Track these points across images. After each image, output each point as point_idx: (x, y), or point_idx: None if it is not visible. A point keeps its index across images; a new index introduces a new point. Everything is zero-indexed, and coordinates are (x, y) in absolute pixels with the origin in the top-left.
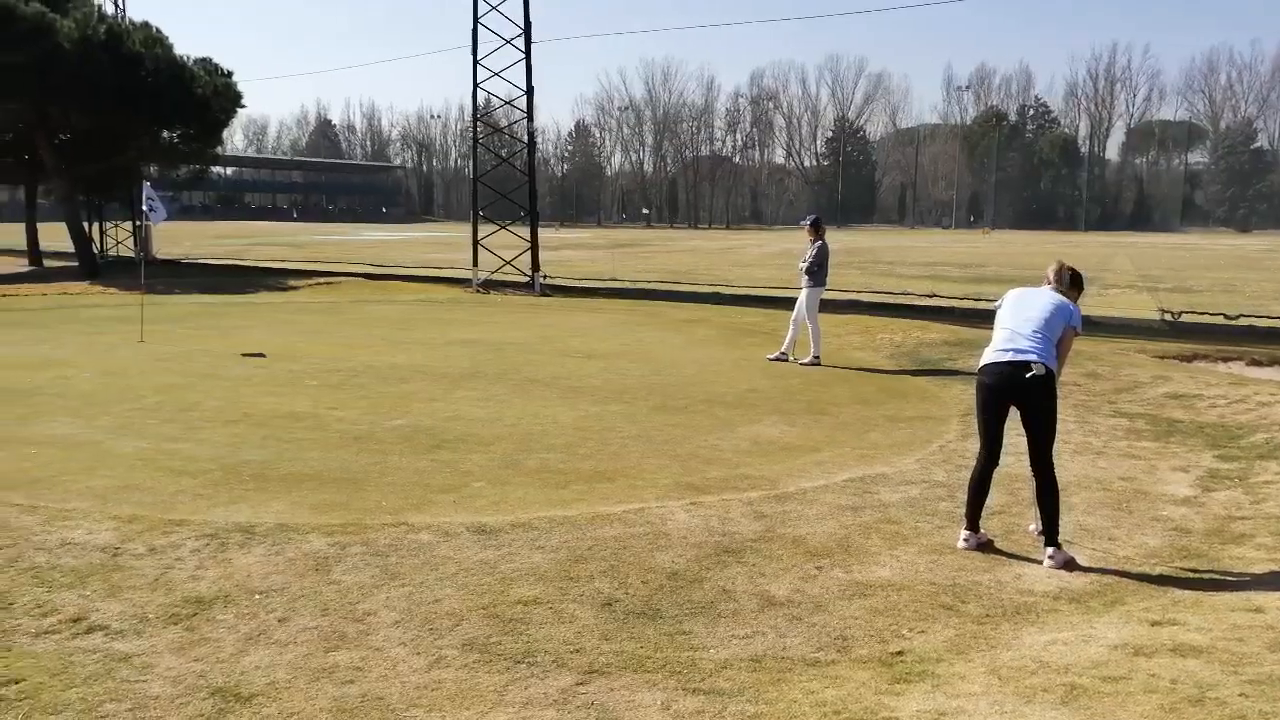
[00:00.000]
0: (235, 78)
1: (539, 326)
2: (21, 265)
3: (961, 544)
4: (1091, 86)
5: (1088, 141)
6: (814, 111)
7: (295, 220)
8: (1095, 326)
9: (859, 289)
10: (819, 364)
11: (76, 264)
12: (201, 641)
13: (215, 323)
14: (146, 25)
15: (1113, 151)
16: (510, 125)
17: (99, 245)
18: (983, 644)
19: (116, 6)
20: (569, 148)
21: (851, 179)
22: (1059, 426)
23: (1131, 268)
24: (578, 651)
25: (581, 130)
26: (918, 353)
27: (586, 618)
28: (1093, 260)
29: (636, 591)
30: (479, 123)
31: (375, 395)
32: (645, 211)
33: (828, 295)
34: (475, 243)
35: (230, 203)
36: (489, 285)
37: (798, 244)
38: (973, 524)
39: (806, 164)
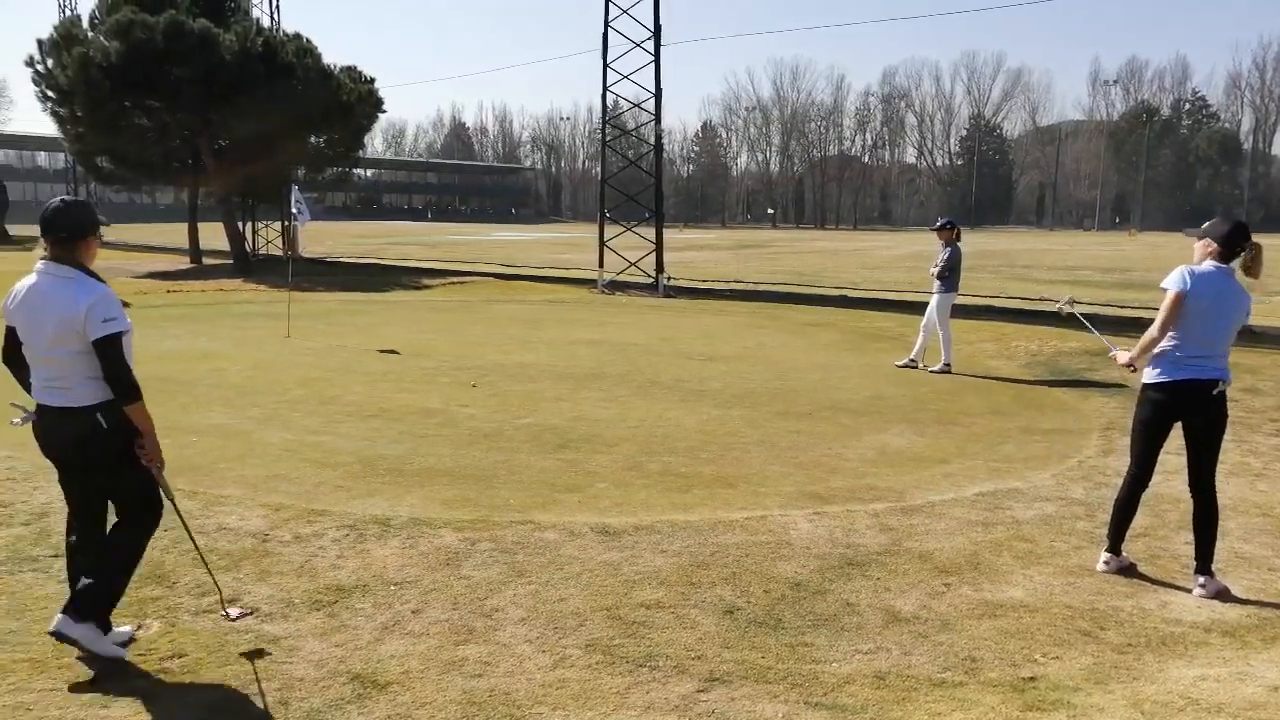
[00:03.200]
0: (376, 84)
1: (661, 328)
2: (184, 263)
3: (1101, 566)
4: (1258, 77)
5: (1251, 137)
6: (948, 109)
7: (429, 220)
8: (1258, 338)
9: (992, 294)
10: (950, 372)
11: (231, 262)
12: (341, 628)
13: (354, 319)
14: (298, 36)
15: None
16: (638, 128)
17: (251, 244)
18: (1124, 674)
19: (272, 19)
20: (695, 148)
21: (986, 178)
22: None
23: None
24: (699, 658)
25: (708, 131)
26: (1055, 362)
27: (708, 624)
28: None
29: (758, 600)
30: (607, 125)
31: (503, 393)
32: (770, 212)
33: (959, 301)
34: (602, 244)
35: (369, 203)
36: (614, 286)
37: (928, 246)
38: (1115, 546)
39: (939, 163)
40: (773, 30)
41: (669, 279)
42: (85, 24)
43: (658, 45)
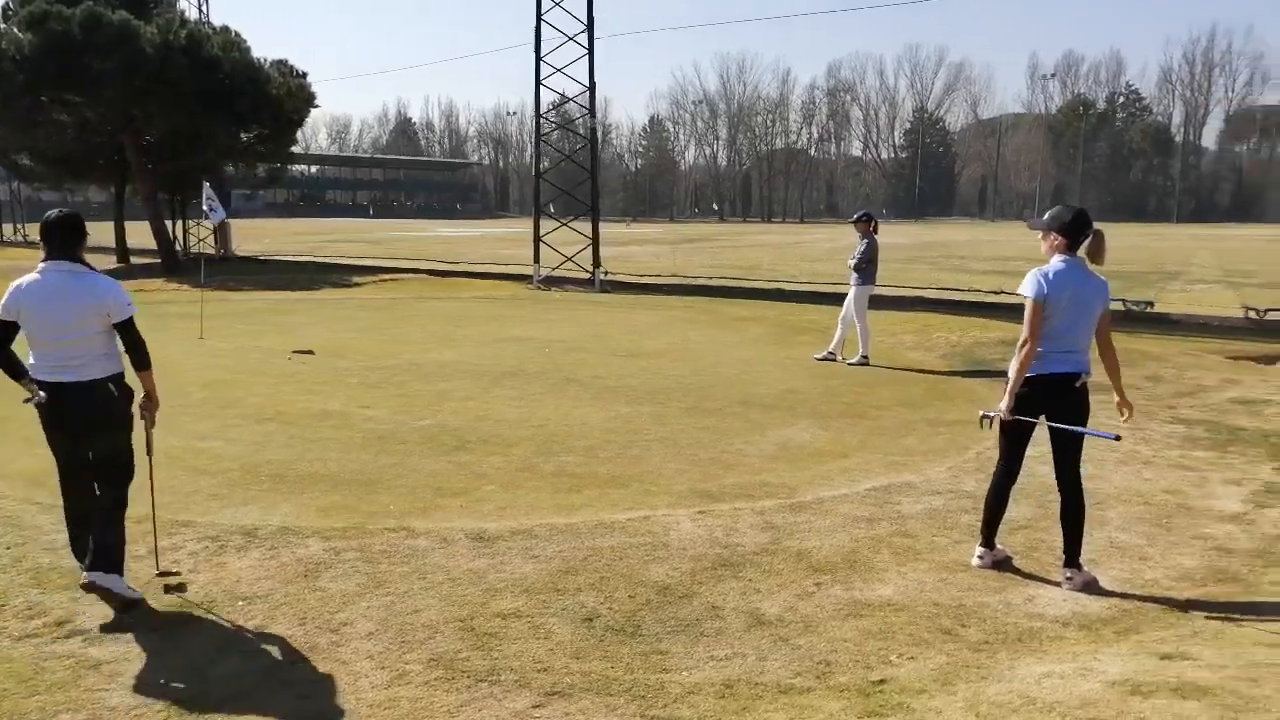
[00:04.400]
0: (310, 78)
1: (592, 324)
2: (110, 262)
3: (975, 561)
4: (1188, 72)
5: (1182, 129)
6: (892, 103)
7: (371, 217)
8: (1171, 325)
9: (924, 285)
10: (867, 364)
11: (159, 261)
12: (176, 648)
13: (277, 319)
14: (226, 29)
15: (1210, 140)
16: (575, 121)
17: (182, 243)
18: (973, 674)
19: (200, 11)
20: (642, 143)
21: (930, 171)
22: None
23: (1214, 263)
24: (545, 670)
25: (655, 125)
26: (972, 352)
27: (563, 634)
28: (1177, 254)
29: (621, 606)
30: (542, 120)
31: (411, 393)
32: (715, 207)
33: (888, 292)
34: (537, 239)
35: (313, 200)
36: (550, 282)
37: (879, 235)
38: (988, 540)
39: (884, 156)
40: (712, 23)
41: (606, 274)
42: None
43: (591, 39)
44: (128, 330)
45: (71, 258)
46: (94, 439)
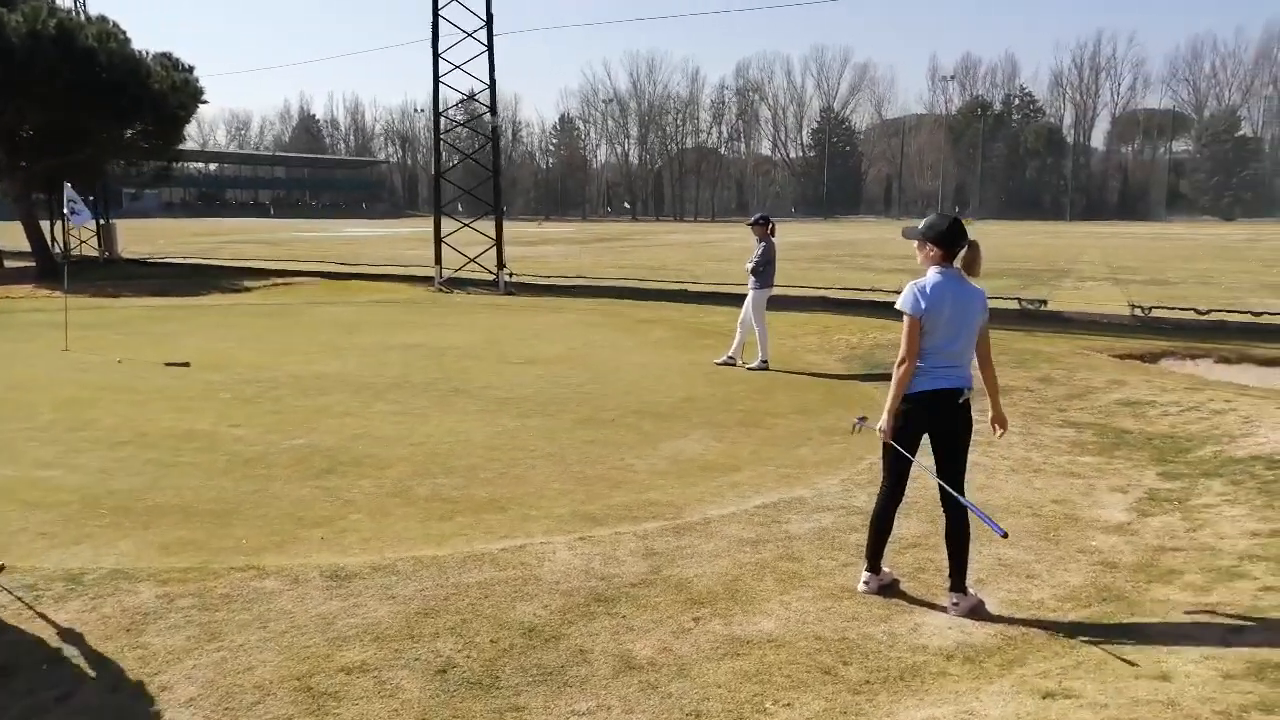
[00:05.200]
0: (198, 73)
1: (491, 329)
2: None
3: (861, 587)
4: (1076, 75)
5: (1073, 131)
6: (799, 103)
7: (272, 217)
8: (1064, 323)
9: (828, 285)
10: (767, 368)
11: (34, 264)
12: None
13: (154, 328)
14: (102, 19)
15: (1098, 140)
16: (478, 119)
17: (61, 245)
18: None
19: (75, 1)
20: (553, 141)
21: (837, 170)
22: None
23: (1102, 260)
24: None
25: (566, 123)
26: (872, 355)
27: (412, 690)
28: (1068, 251)
29: (481, 654)
30: (444, 117)
31: (286, 409)
32: (627, 206)
33: (792, 292)
34: (438, 240)
35: (211, 199)
36: (452, 284)
37: (780, 237)
38: (874, 564)
39: (792, 155)
40: (618, 20)
41: (510, 275)
42: None
43: (490, 35)
44: None
45: None
46: None
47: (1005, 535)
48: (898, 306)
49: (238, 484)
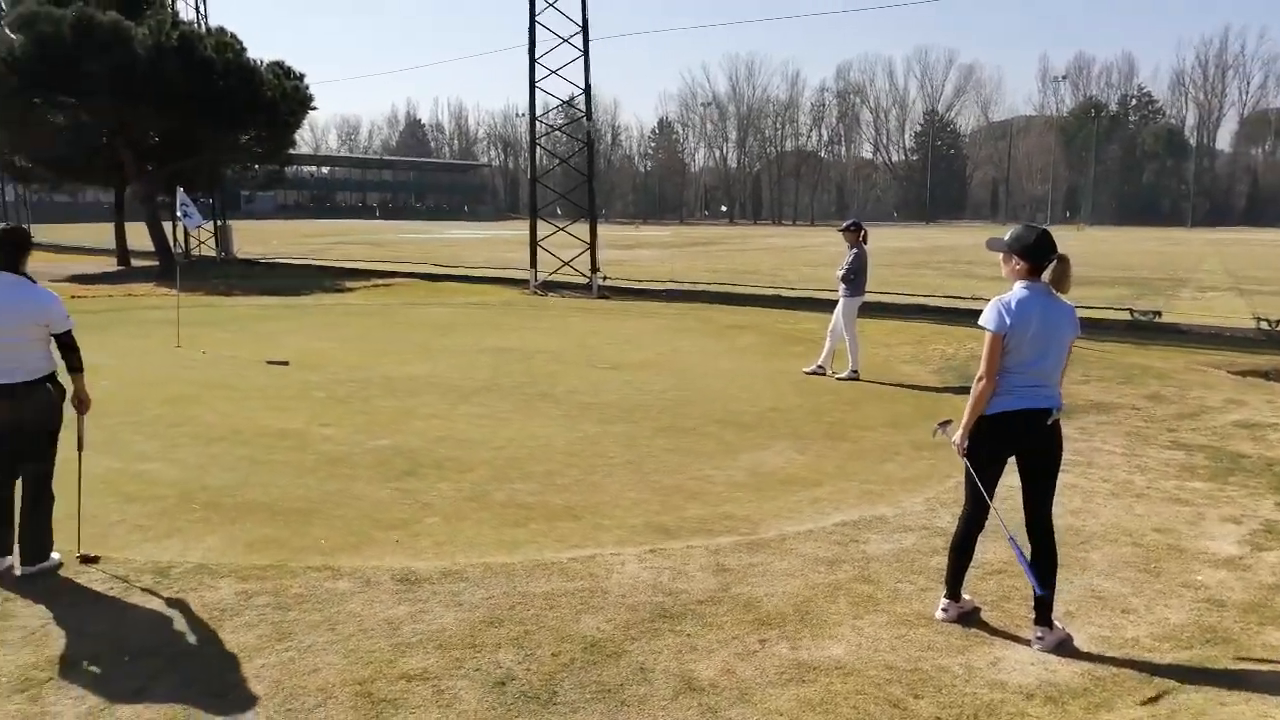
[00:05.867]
0: (308, 80)
1: (581, 333)
2: (111, 265)
3: (940, 614)
4: (1200, 74)
5: (1196, 132)
6: (902, 105)
7: (377, 218)
8: (1179, 336)
9: (927, 292)
10: (857, 378)
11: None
12: (38, 716)
13: (259, 326)
14: (220, 30)
15: (1223, 142)
16: (572, 123)
17: (183, 246)
18: None
19: (198, 12)
20: (652, 145)
21: (941, 173)
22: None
23: (1226, 268)
24: None
25: (664, 127)
26: (968, 366)
27: (469, 701)
28: (1188, 259)
29: (541, 667)
30: (540, 122)
31: (376, 410)
32: (724, 209)
33: (888, 299)
34: (533, 244)
35: (322, 201)
36: (547, 287)
37: (879, 242)
38: (953, 591)
39: (894, 158)
40: (718, 24)
41: (603, 279)
42: None
43: (585, 40)
44: (67, 339)
45: (15, 270)
46: (25, 433)
47: (1042, 594)
48: (980, 323)
49: (322, 483)
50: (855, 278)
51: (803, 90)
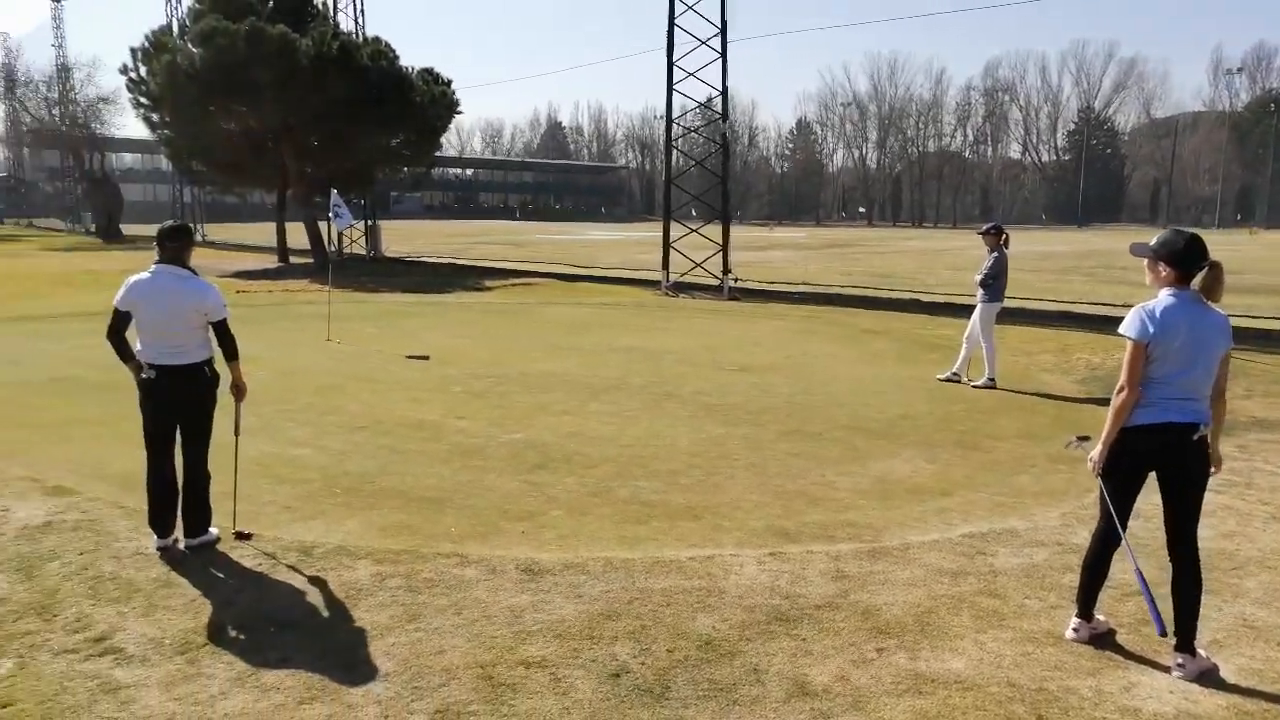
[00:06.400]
0: (454, 86)
1: (709, 334)
2: (272, 262)
3: (1070, 634)
4: None
5: None
6: (1054, 103)
7: (517, 219)
8: None
9: (1074, 298)
10: (994, 387)
11: (312, 261)
12: (195, 677)
13: (404, 322)
14: (376, 39)
15: None
16: (708, 125)
17: (335, 244)
18: None
19: (357, 23)
20: (789, 145)
21: (1096, 174)
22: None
23: None
24: None
25: (803, 127)
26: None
27: (584, 690)
28: None
29: (655, 662)
30: (676, 124)
31: (509, 405)
32: (862, 211)
33: (1031, 305)
34: (666, 245)
35: (466, 202)
36: (678, 288)
37: (1025, 245)
38: (1085, 610)
39: (1044, 159)
40: (859, 22)
41: (735, 280)
42: (175, 32)
43: (724, 42)
44: (222, 328)
45: (179, 262)
46: (185, 413)
47: (1164, 635)
48: (1120, 331)
49: (455, 473)
50: (994, 282)
51: (947, 89)
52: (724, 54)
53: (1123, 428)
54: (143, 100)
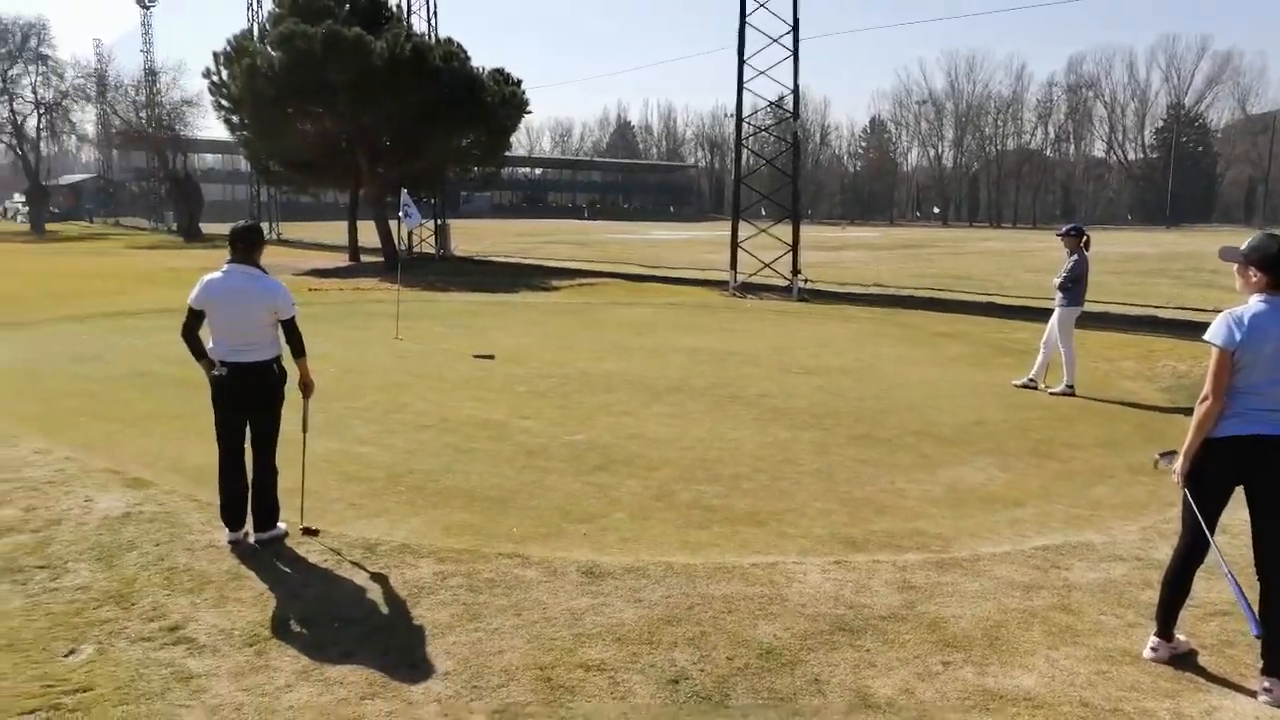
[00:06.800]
0: (524, 85)
1: (776, 336)
2: (343, 260)
3: (1148, 653)
4: None
5: None
6: (1142, 99)
7: (584, 219)
8: None
9: (1160, 302)
10: (1072, 394)
11: (383, 260)
12: (262, 669)
13: (470, 321)
14: (448, 41)
15: None
16: (779, 123)
17: (405, 243)
18: None
19: (429, 24)
20: (862, 144)
21: (1185, 173)
22: None
23: None
24: None
25: (876, 126)
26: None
27: (643, 695)
28: None
29: (715, 669)
30: (746, 122)
31: (572, 405)
32: (937, 211)
33: (1115, 309)
34: (734, 245)
35: (535, 201)
36: (746, 289)
37: (1109, 246)
38: (1164, 629)
39: (1130, 157)
40: (926, 20)
41: (804, 281)
42: (256, 36)
43: (796, 40)
44: (289, 326)
45: (249, 261)
46: (254, 410)
47: (1260, 635)
48: (1206, 337)
49: (518, 473)
50: (1074, 286)
51: (1028, 85)
52: (796, 52)
53: (1207, 439)
54: (223, 102)
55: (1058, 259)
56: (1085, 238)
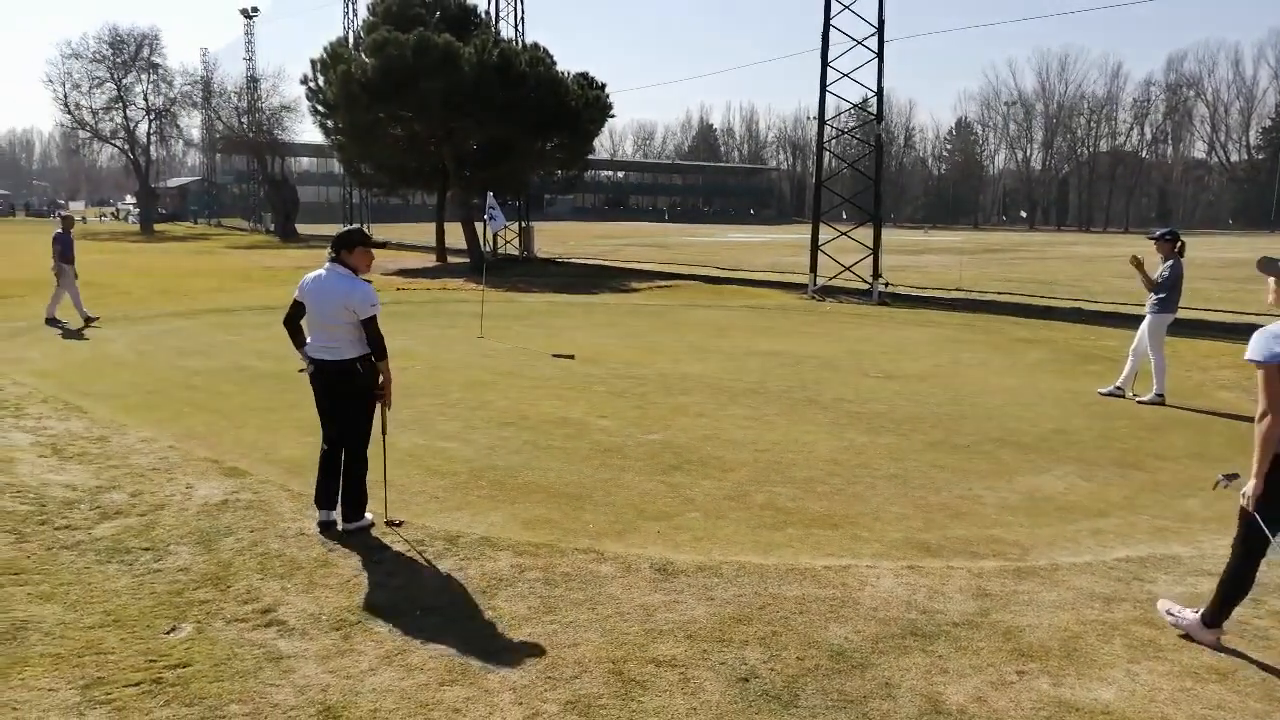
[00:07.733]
0: (609, 89)
1: (855, 340)
2: (430, 261)
3: (1169, 617)
4: None
5: None
6: (1248, 98)
7: (665, 221)
8: None
9: (1261, 310)
10: (1162, 403)
11: (468, 261)
12: (346, 652)
13: (551, 321)
14: (534, 46)
15: None
16: (862, 125)
17: (490, 245)
18: None
19: (516, 30)
20: (948, 146)
21: None
22: None
23: None
24: None
25: (962, 128)
26: None
27: (713, 692)
28: None
29: (785, 668)
30: (828, 125)
31: (649, 405)
32: (1024, 214)
33: (1210, 317)
34: (815, 248)
35: (616, 204)
36: (825, 292)
37: (1207, 251)
38: (1216, 617)
39: (1233, 159)
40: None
41: (885, 285)
42: (350, 43)
43: (880, 42)
44: (368, 326)
45: (344, 263)
46: (341, 405)
47: None
48: (1247, 357)
49: (595, 471)
50: (1168, 293)
51: (1124, 85)
52: (880, 54)
53: (1277, 454)
54: (319, 108)
55: (1150, 265)
56: (1180, 244)
